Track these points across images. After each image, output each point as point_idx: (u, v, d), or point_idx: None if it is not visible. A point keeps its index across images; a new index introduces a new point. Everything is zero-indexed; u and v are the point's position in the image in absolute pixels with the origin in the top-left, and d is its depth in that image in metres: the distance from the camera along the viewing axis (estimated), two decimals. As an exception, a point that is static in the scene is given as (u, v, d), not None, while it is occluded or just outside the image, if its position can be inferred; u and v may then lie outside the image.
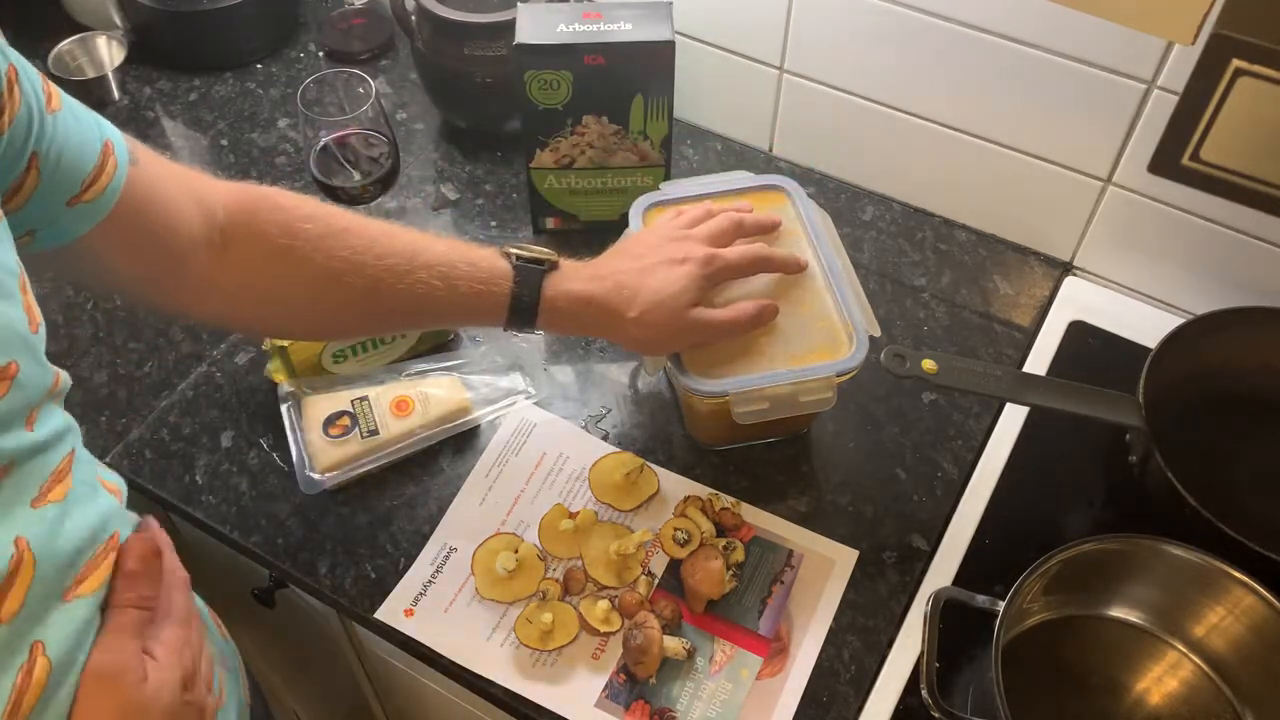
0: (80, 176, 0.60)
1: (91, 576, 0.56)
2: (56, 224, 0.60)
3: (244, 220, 0.73)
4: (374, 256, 0.74)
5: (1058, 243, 1.08)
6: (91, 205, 0.61)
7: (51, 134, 0.57)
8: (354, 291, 0.75)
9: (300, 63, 1.29)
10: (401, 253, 0.75)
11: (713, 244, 0.83)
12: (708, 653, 0.82)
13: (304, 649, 1.17)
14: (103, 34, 1.25)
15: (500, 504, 0.90)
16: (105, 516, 0.59)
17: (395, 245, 0.75)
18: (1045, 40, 0.93)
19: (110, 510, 0.60)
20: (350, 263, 0.74)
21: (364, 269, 0.74)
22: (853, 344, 0.83)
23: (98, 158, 0.61)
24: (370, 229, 0.76)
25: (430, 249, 0.76)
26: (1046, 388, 0.87)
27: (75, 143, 0.59)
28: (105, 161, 0.61)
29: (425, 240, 0.77)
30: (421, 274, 0.75)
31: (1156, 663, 0.83)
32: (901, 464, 0.93)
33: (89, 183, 0.60)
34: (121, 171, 0.63)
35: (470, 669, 0.81)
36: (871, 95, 1.07)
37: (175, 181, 0.70)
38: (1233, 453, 0.93)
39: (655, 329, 0.80)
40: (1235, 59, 0.70)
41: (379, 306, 0.77)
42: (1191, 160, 0.78)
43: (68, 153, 0.59)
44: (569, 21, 0.95)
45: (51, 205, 0.59)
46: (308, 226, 0.74)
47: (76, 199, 0.60)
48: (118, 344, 1.02)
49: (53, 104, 0.58)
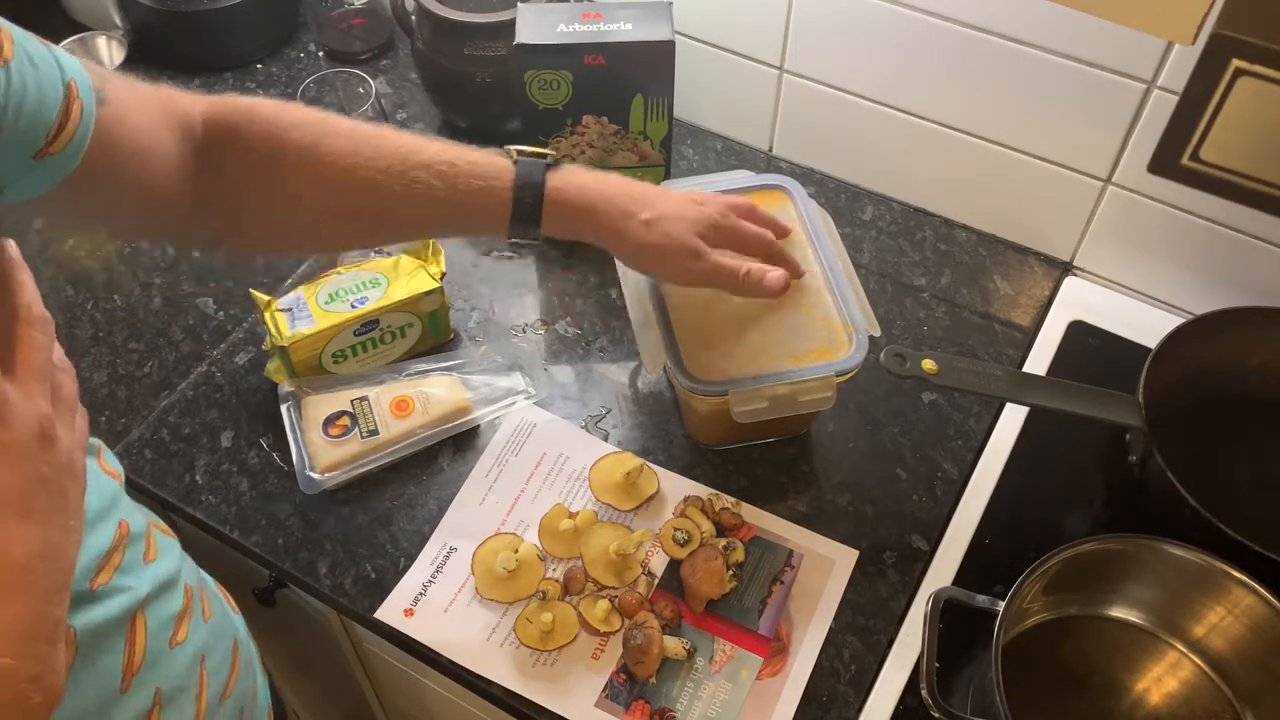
0: (44, 126, 0.55)
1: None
2: (27, 177, 0.56)
3: (226, 134, 0.70)
4: (365, 158, 0.71)
5: (1058, 243, 1.08)
6: (60, 155, 0.57)
7: (5, 87, 0.52)
8: (348, 197, 0.72)
9: (300, 63, 1.29)
10: (395, 154, 0.72)
11: (731, 212, 0.83)
12: (708, 653, 0.82)
13: (304, 649, 1.17)
14: (103, 34, 1.25)
15: (500, 504, 0.90)
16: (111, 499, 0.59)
17: (387, 147, 0.73)
18: (1045, 40, 0.93)
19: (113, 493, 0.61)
20: (341, 166, 0.71)
21: (356, 171, 0.71)
22: (852, 344, 0.84)
23: (61, 103, 0.56)
24: (360, 130, 0.73)
25: (425, 149, 0.73)
26: (1046, 388, 0.87)
27: (34, 91, 0.54)
28: (70, 106, 0.57)
29: (419, 141, 0.74)
30: (419, 173, 0.72)
31: (1156, 663, 0.83)
32: (901, 464, 0.93)
33: (54, 132, 0.56)
34: (89, 113, 0.58)
35: (470, 669, 0.81)
36: (871, 95, 1.07)
37: (149, 110, 0.66)
38: (1233, 453, 0.93)
39: (663, 237, 0.77)
40: (1235, 59, 0.70)
41: (375, 210, 0.74)
42: (1191, 160, 0.78)
43: (27, 103, 0.54)
44: (569, 21, 0.95)
45: (17, 160, 0.55)
46: (294, 134, 0.71)
47: (44, 151, 0.56)
48: (118, 344, 1.02)
49: (4, 53, 0.53)
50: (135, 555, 0.62)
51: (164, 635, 0.63)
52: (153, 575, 0.63)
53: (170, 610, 0.64)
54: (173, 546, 0.69)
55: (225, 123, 0.70)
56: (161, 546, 0.67)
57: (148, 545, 0.65)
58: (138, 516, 0.65)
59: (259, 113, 0.71)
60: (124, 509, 0.64)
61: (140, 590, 0.61)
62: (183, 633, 0.65)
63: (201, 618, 0.68)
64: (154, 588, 0.63)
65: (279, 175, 0.72)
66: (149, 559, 0.64)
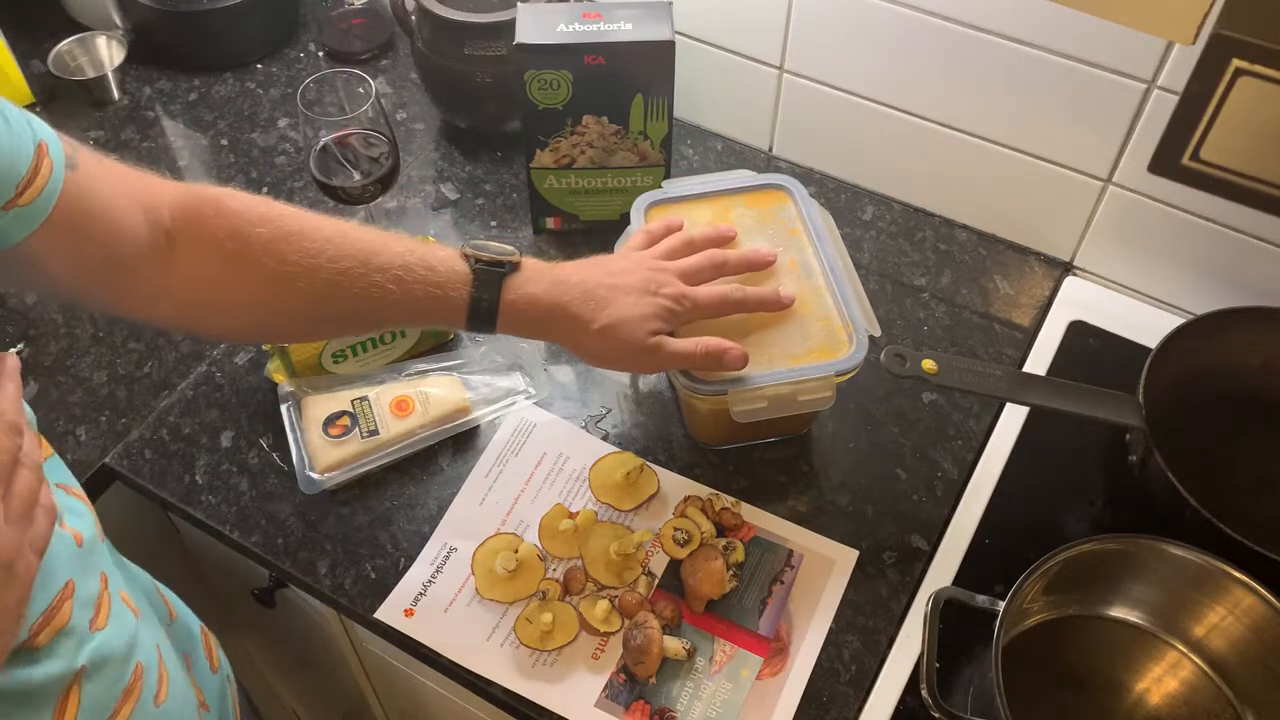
0: (14, 180, 0.58)
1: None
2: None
3: (191, 224, 0.71)
4: (327, 259, 0.72)
5: (1058, 243, 1.08)
6: (28, 209, 0.59)
7: None
8: (307, 296, 0.73)
9: (300, 63, 1.29)
10: (356, 255, 0.73)
11: (689, 281, 0.81)
12: (708, 653, 0.82)
13: (304, 649, 1.17)
14: (103, 34, 1.25)
15: (500, 504, 0.90)
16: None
17: (349, 248, 0.73)
18: (1045, 40, 0.93)
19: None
20: (303, 266, 0.72)
21: (317, 273, 0.72)
22: (852, 344, 0.83)
23: (31, 159, 0.59)
24: (325, 230, 0.73)
25: (386, 250, 0.74)
26: (1046, 388, 0.87)
27: (6, 145, 0.57)
28: (40, 163, 0.59)
29: (381, 241, 0.75)
30: (376, 277, 0.73)
31: (1156, 663, 0.83)
32: (901, 464, 0.93)
33: (23, 186, 0.58)
34: (58, 174, 0.61)
35: (470, 669, 0.81)
36: (871, 95, 1.07)
37: (118, 185, 0.68)
38: (1233, 453, 0.93)
39: (615, 344, 0.78)
40: (1235, 59, 0.70)
41: (333, 310, 0.75)
42: (1191, 160, 0.78)
43: (0, 155, 0.57)
44: (569, 21, 0.95)
45: None
46: (259, 230, 0.71)
47: (11, 203, 0.58)
48: (118, 344, 1.02)
49: None
50: (81, 620, 0.59)
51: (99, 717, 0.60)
52: (96, 647, 0.60)
53: (110, 690, 0.61)
54: (126, 616, 0.65)
55: (191, 212, 0.71)
56: (115, 614, 0.63)
57: (97, 611, 0.61)
58: (92, 582, 0.62)
59: (226, 206, 0.72)
60: (80, 569, 0.60)
61: (74, 663, 0.58)
62: (123, 716, 0.62)
63: (152, 701, 0.65)
64: (92, 661, 0.59)
65: (240, 268, 0.72)
66: (96, 627, 0.61)
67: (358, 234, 0.75)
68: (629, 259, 0.83)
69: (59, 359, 1.01)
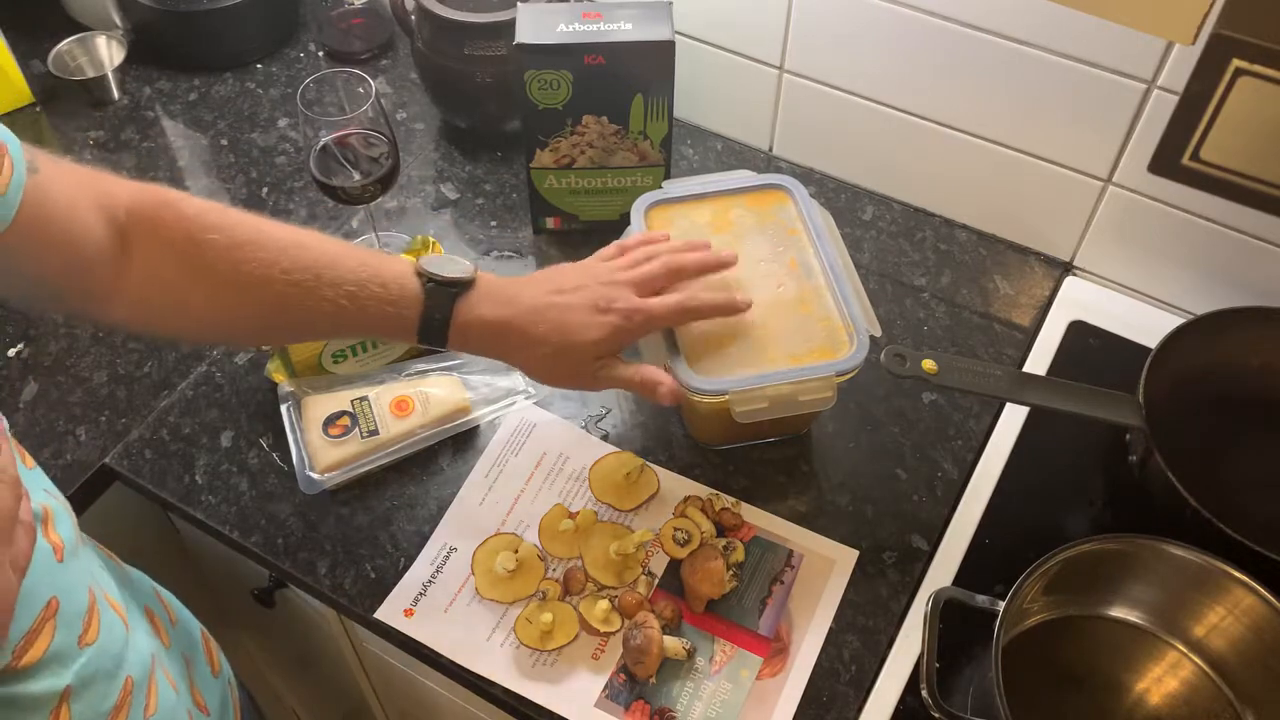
0: None
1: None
2: None
3: (146, 225, 0.71)
4: (280, 271, 0.72)
5: (1058, 243, 1.08)
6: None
7: None
8: (261, 304, 0.73)
9: (300, 63, 1.29)
10: (309, 268, 0.73)
11: (643, 291, 0.80)
12: (708, 653, 0.82)
13: (304, 649, 1.17)
14: (103, 34, 1.25)
15: (500, 504, 0.90)
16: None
17: (303, 260, 0.73)
18: (1045, 40, 0.93)
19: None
20: (257, 276, 0.72)
21: (270, 283, 0.72)
22: (853, 344, 0.83)
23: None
24: (279, 239, 0.73)
25: (340, 264, 0.73)
26: (1046, 388, 0.87)
27: None
28: (1, 162, 0.59)
29: (336, 253, 0.74)
30: (328, 291, 0.73)
31: (1156, 663, 0.83)
32: (901, 464, 0.93)
33: None
34: (19, 177, 0.61)
35: (470, 669, 0.81)
36: (871, 95, 1.07)
37: (78, 188, 0.68)
38: (1233, 453, 0.93)
39: (561, 366, 0.79)
40: (1235, 59, 0.70)
41: (287, 319, 0.75)
42: (1191, 160, 0.78)
43: None
44: (569, 21, 0.95)
45: None
46: (212, 237, 0.71)
47: None
48: (117, 344, 1.02)
49: None
50: (68, 638, 0.58)
51: None
52: (84, 664, 0.59)
53: (98, 706, 0.60)
54: (116, 627, 0.64)
55: (147, 214, 0.71)
56: (105, 626, 0.62)
57: (86, 627, 0.60)
58: (78, 596, 0.61)
59: (181, 209, 0.72)
60: (64, 584, 0.59)
61: (60, 683, 0.57)
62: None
63: (142, 713, 0.65)
64: (79, 679, 0.58)
65: (194, 273, 0.72)
66: (85, 642, 0.60)
67: (314, 245, 0.74)
68: (585, 273, 0.81)
69: (59, 359, 1.01)
